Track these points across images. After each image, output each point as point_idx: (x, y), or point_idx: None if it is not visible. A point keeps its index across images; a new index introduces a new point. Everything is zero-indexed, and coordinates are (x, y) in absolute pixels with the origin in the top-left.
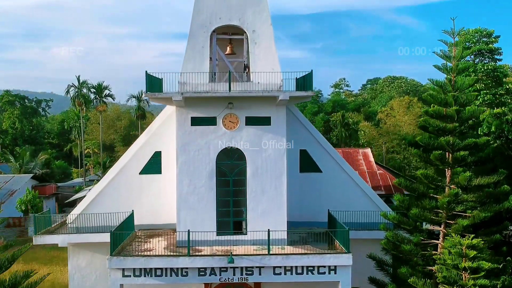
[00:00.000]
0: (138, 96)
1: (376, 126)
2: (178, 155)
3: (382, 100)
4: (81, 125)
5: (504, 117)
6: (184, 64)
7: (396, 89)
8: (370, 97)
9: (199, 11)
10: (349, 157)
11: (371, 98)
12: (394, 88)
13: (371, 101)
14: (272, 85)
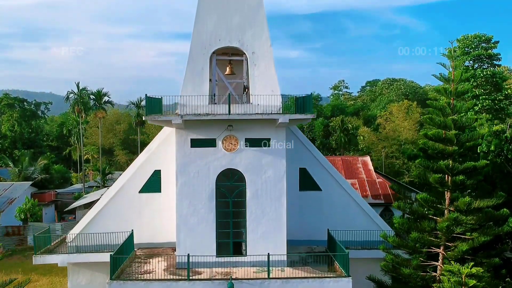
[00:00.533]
0: (137, 103)
1: (375, 131)
2: (177, 177)
3: (381, 103)
4: (80, 130)
5: (503, 135)
6: (184, 85)
7: (395, 91)
8: (369, 99)
9: (199, 33)
10: (349, 165)
11: (370, 100)
12: (393, 90)
13: (370, 103)
14: (271, 107)
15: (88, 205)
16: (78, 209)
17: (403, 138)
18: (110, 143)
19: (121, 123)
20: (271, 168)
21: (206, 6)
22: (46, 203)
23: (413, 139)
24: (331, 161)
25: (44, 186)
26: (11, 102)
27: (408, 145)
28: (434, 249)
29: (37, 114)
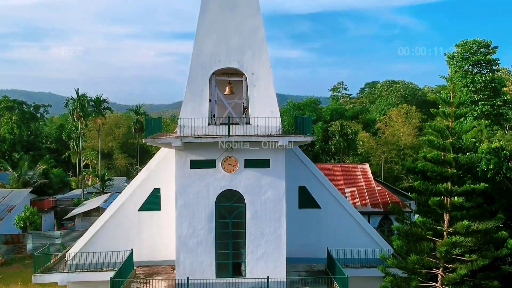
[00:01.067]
0: (137, 109)
1: (374, 136)
2: (177, 198)
3: (380, 106)
4: (80, 137)
5: (502, 152)
6: (184, 106)
7: (394, 93)
8: (368, 101)
9: (199, 54)
10: (348, 173)
11: (370, 102)
12: (392, 93)
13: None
14: (271, 128)
15: (87, 213)
16: (78, 217)
17: (403, 143)
18: (109, 147)
19: (120, 127)
20: (270, 189)
21: (205, 28)
22: (45, 210)
23: (412, 144)
24: (330, 168)
25: (43, 191)
26: (10, 105)
27: (407, 150)
28: (433, 271)
29: (36, 116)
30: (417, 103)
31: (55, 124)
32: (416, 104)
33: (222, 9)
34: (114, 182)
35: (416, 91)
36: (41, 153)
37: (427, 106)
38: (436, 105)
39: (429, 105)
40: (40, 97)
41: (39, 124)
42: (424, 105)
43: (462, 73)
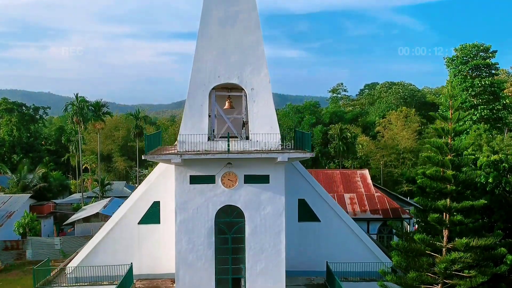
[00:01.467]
0: (136, 114)
1: (374, 140)
2: (177, 214)
3: (380, 108)
4: (79, 141)
5: (501, 165)
6: (183, 121)
7: (394, 95)
8: (367, 102)
9: (198, 70)
10: (347, 178)
11: (369, 104)
12: (391, 94)
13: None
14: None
15: (87, 219)
16: (77, 222)
17: (402, 147)
18: (109, 150)
19: (120, 130)
20: (270, 204)
21: (205, 43)
22: (44, 215)
23: (412, 148)
24: (329, 174)
25: (42, 195)
26: (9, 107)
27: (407, 154)
28: (432, 287)
29: (35, 118)
30: (416, 104)
31: (54, 125)
32: (415, 106)
33: (222, 25)
34: (114, 187)
35: (415, 93)
36: (41, 155)
37: (426, 107)
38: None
39: (428, 107)
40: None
41: (39, 126)
42: (423, 106)
43: (462, 77)
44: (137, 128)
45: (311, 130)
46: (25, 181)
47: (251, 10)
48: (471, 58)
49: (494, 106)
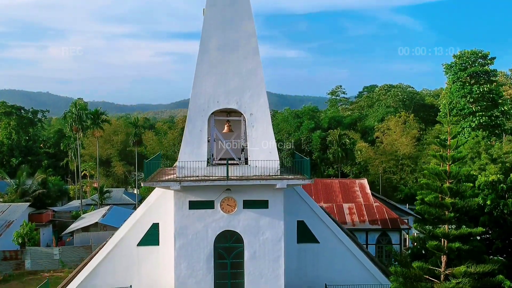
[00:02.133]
0: (135, 122)
1: (372, 146)
2: (176, 239)
3: (378, 111)
4: (78, 148)
5: (499, 185)
6: (183, 147)
7: (393, 98)
8: (366, 105)
9: (197, 95)
10: (346, 188)
11: (368, 106)
12: (390, 97)
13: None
14: (269, 169)
15: (85, 228)
16: (76, 232)
17: (401, 154)
18: (108, 154)
19: (119, 134)
20: (269, 229)
21: (204, 69)
22: (43, 223)
23: (411, 155)
24: (328, 184)
25: (41, 201)
26: (8, 110)
27: (405, 160)
28: None
29: (34, 121)
30: (415, 107)
31: (53, 127)
32: (414, 108)
33: (221, 51)
34: (112, 194)
35: (414, 95)
36: (39, 158)
37: (425, 109)
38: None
39: (427, 109)
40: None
41: (37, 129)
42: (422, 108)
43: (460, 84)
44: (136, 136)
45: (310, 135)
46: (24, 188)
47: (250, 36)
48: (469, 65)
49: (493, 113)
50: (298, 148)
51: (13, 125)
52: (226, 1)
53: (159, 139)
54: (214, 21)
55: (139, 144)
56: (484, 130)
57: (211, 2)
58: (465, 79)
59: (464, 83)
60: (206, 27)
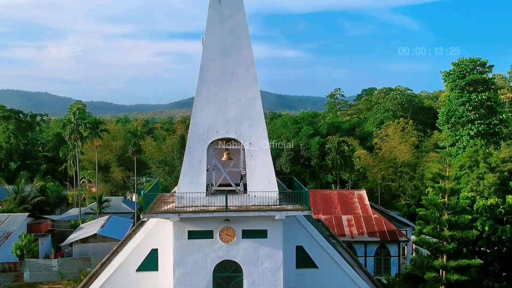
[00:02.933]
0: (134, 132)
1: (371, 153)
2: (175, 268)
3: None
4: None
5: (497, 210)
6: (182, 177)
7: (391, 101)
8: (365, 107)
9: (197, 125)
10: (345, 199)
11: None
12: (389, 100)
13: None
14: (268, 198)
15: (84, 240)
16: (75, 243)
17: (400, 161)
18: (106, 160)
19: (118, 139)
20: (268, 259)
21: (203, 98)
22: (42, 233)
23: (410, 162)
24: (327, 195)
25: (40, 208)
26: (6, 114)
27: (404, 168)
28: None
29: (33, 125)
30: (414, 110)
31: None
32: (413, 111)
33: (220, 80)
34: (111, 203)
35: (413, 98)
36: (38, 162)
37: (423, 112)
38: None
39: (425, 111)
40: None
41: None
42: (421, 111)
43: (459, 91)
44: (135, 145)
45: (308, 141)
46: (22, 195)
47: (249, 65)
48: (468, 72)
49: (491, 121)
50: (297, 154)
51: (11, 129)
52: (225, 30)
53: (158, 145)
54: (213, 50)
55: (138, 153)
56: (483, 138)
57: (210, 31)
58: (464, 86)
59: (463, 90)
60: (205, 56)
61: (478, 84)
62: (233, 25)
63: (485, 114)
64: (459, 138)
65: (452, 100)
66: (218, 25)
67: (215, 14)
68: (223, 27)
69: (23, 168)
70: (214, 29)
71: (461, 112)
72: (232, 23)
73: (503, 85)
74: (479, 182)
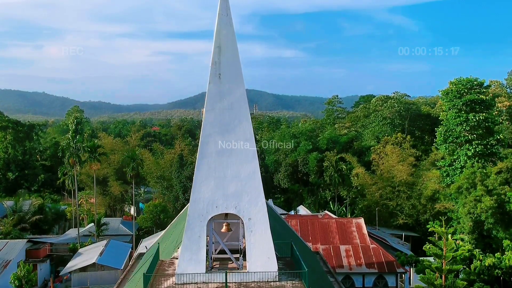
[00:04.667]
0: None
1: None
2: None
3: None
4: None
5: (494, 270)
6: (182, 253)
7: (389, 109)
8: (363, 115)
9: (197, 201)
10: (343, 228)
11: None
12: (386, 108)
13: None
14: (268, 274)
15: (83, 269)
16: (74, 272)
17: (397, 181)
18: (104, 173)
19: (116, 154)
20: None
21: (203, 174)
22: (40, 258)
23: (407, 181)
24: (325, 223)
25: (38, 227)
26: (4, 124)
27: (402, 187)
28: None
29: (31, 135)
30: (412, 117)
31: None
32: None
33: (219, 155)
34: (109, 226)
35: (410, 106)
36: (36, 172)
37: (421, 119)
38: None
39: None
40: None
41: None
42: (418, 118)
43: (456, 111)
44: (133, 170)
45: (307, 156)
46: (20, 214)
47: (248, 139)
48: (465, 93)
49: (488, 141)
50: (295, 169)
51: (9, 139)
52: (225, 105)
53: (156, 160)
54: (213, 125)
55: (137, 177)
56: (480, 159)
57: (210, 106)
58: (461, 107)
59: (460, 110)
60: (205, 131)
61: (476, 104)
62: (233, 101)
63: (482, 134)
64: (456, 158)
65: (450, 119)
66: (218, 101)
67: (214, 89)
68: (222, 103)
69: (21, 178)
70: (214, 104)
71: (459, 132)
72: (232, 99)
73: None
74: (477, 204)
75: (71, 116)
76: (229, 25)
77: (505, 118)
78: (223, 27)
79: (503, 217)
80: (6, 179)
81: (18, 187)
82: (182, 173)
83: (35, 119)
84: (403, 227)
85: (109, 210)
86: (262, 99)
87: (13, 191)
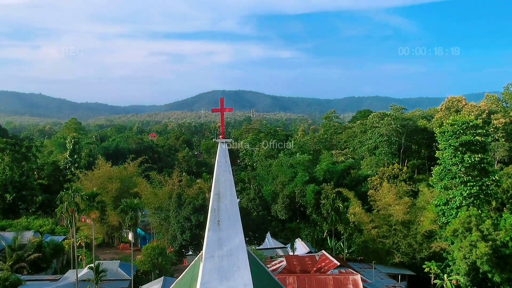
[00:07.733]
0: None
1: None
2: None
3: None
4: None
5: None
6: None
7: (386, 127)
8: (360, 131)
9: None
10: (339, 285)
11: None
12: (383, 126)
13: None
14: None
15: None
16: None
17: (394, 220)
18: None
19: (114, 182)
20: None
21: None
22: None
23: (403, 220)
24: (322, 280)
25: (36, 265)
26: (2, 146)
27: (398, 226)
28: None
29: (28, 156)
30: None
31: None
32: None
33: None
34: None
35: (407, 122)
36: (34, 193)
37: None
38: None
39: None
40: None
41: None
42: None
43: (452, 151)
44: (132, 219)
45: (304, 188)
46: (19, 253)
47: (246, 285)
48: (461, 133)
49: (484, 182)
50: (292, 201)
51: (7, 160)
52: (224, 253)
53: (154, 191)
54: (212, 272)
55: (135, 226)
56: (475, 199)
57: (209, 253)
58: (457, 147)
59: (456, 150)
60: (204, 278)
61: (471, 145)
62: (232, 247)
63: (477, 175)
64: (452, 197)
65: (445, 159)
66: (217, 248)
67: (214, 236)
68: (222, 250)
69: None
70: (213, 251)
71: (454, 173)
72: (231, 245)
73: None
74: (472, 250)
75: (68, 129)
76: (228, 172)
77: (501, 135)
78: (221, 174)
79: (499, 261)
80: (4, 201)
81: (16, 209)
82: (180, 213)
83: (32, 121)
84: (399, 265)
85: (107, 237)
86: (259, 100)
87: (10, 213)
